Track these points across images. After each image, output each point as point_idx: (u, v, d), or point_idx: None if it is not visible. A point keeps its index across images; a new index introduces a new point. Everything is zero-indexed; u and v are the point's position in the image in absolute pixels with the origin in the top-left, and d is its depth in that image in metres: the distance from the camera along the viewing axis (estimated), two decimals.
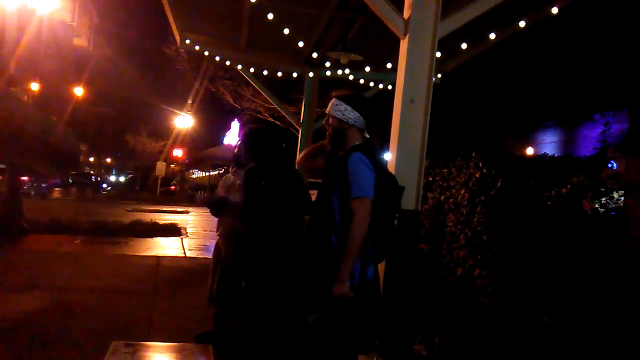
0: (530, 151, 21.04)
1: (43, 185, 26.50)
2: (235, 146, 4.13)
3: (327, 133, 2.68)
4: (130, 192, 29.18)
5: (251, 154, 3.50)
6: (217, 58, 6.96)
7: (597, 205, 4.76)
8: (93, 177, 39.22)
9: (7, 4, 13.42)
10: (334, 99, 2.66)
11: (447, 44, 4.43)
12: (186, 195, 29.32)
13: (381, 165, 2.63)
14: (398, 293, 3.04)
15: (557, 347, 3.97)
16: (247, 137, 3.62)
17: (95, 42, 30.18)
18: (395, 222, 2.55)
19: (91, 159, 47.23)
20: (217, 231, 4.35)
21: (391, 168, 3.07)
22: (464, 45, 5.22)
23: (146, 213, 16.98)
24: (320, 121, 7.78)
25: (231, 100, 13.41)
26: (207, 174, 35.63)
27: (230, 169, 4.41)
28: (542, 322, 4.43)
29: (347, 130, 2.59)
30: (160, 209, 19.96)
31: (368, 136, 2.64)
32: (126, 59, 28.78)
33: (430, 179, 7.18)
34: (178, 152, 30.79)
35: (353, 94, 2.69)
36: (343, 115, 2.59)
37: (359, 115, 2.59)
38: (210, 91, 14.62)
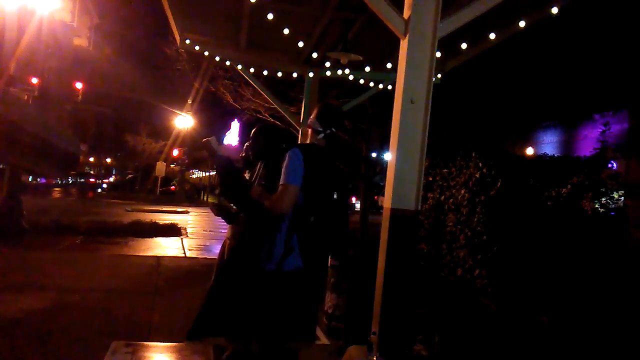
0: (530, 151, 21.02)
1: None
2: (244, 145, 3.95)
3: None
4: (130, 194, 29.14)
5: (263, 151, 3.36)
6: (217, 58, 6.94)
7: (597, 206, 4.77)
8: (93, 177, 39.20)
9: (7, 4, 13.41)
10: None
11: (447, 44, 4.42)
12: (186, 195, 29.27)
13: (322, 164, 2.77)
14: (398, 293, 3.04)
15: (556, 346, 3.97)
16: (260, 133, 3.46)
17: (95, 42, 30.14)
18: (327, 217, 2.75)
19: (91, 159, 47.17)
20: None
21: (391, 168, 3.06)
22: (464, 45, 5.21)
23: (146, 213, 17.00)
24: None
25: (231, 100, 13.38)
26: (207, 174, 35.62)
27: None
28: (542, 321, 4.44)
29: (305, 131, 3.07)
30: (160, 209, 19.97)
31: (323, 137, 2.84)
32: (126, 59, 28.72)
33: (430, 179, 7.18)
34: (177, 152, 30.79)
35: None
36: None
37: (315, 119, 2.87)
38: (210, 91, 14.60)
